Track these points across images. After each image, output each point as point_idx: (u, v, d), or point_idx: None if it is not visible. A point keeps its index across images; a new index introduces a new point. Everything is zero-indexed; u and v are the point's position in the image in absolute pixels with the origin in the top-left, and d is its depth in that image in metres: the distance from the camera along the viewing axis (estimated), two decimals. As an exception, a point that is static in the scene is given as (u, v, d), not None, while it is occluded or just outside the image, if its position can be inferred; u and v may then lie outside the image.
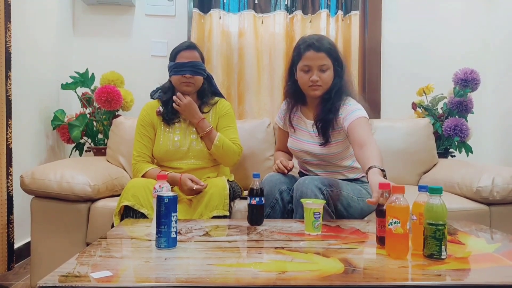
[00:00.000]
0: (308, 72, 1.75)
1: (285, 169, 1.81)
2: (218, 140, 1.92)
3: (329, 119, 1.76)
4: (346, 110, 1.74)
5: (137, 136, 2.01)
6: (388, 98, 2.98)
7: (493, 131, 2.99)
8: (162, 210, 1.19)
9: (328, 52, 1.73)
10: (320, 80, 1.73)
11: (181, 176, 1.81)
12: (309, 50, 1.73)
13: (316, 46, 1.72)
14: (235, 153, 1.98)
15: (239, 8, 2.93)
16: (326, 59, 1.73)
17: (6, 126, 1.98)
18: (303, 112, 1.91)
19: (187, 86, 1.93)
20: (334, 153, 1.80)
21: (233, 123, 2.06)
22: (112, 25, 2.95)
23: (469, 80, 2.60)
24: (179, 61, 1.92)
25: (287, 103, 1.94)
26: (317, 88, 1.75)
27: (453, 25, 2.99)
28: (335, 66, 1.76)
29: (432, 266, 1.06)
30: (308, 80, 1.74)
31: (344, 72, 1.81)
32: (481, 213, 1.90)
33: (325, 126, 1.77)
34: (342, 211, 1.72)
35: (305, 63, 1.74)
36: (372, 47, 2.99)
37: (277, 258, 1.13)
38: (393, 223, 1.12)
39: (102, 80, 2.65)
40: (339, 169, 1.86)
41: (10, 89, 1.99)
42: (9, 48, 2.00)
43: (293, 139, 1.92)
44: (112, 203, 1.88)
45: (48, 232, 1.92)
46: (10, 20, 2.01)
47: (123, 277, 1.00)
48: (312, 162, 1.88)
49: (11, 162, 2.02)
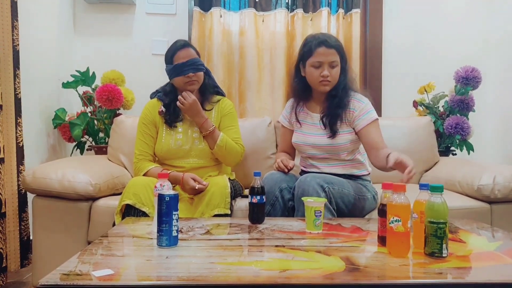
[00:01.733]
0: (319, 67, 1.80)
1: (285, 168, 1.81)
2: (221, 140, 1.92)
3: (338, 114, 1.82)
4: (360, 107, 1.82)
5: (139, 134, 2.01)
6: (389, 96, 2.97)
7: (494, 129, 2.99)
8: (163, 208, 1.19)
9: (338, 49, 1.81)
10: (330, 76, 1.79)
11: (183, 176, 1.81)
12: (321, 47, 1.79)
13: (327, 43, 1.79)
14: (238, 153, 1.98)
15: (240, 7, 2.93)
16: (336, 55, 1.80)
17: (16, 124, 1.98)
18: (309, 107, 1.94)
19: (191, 85, 1.93)
20: (340, 144, 1.83)
21: (235, 122, 2.06)
22: (113, 23, 2.95)
23: (470, 78, 2.60)
24: (178, 62, 1.90)
25: (293, 101, 1.98)
26: (327, 83, 1.81)
27: (454, 23, 2.98)
28: (342, 62, 1.83)
29: (433, 264, 1.07)
30: (318, 76, 1.80)
31: (349, 69, 1.89)
32: (482, 211, 1.90)
33: (334, 120, 1.83)
34: (343, 209, 1.73)
35: (317, 59, 1.79)
36: (373, 45, 2.98)
37: (278, 256, 1.13)
38: (394, 221, 1.12)
39: (103, 78, 2.65)
40: (344, 162, 1.87)
41: (19, 88, 1.99)
42: (16, 47, 1.99)
43: (299, 133, 1.94)
44: (113, 202, 1.88)
45: (50, 230, 1.92)
46: (17, 19, 2.00)
47: (124, 275, 1.00)
48: (316, 156, 1.89)
49: (22, 161, 2.02)
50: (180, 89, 1.97)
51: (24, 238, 2.03)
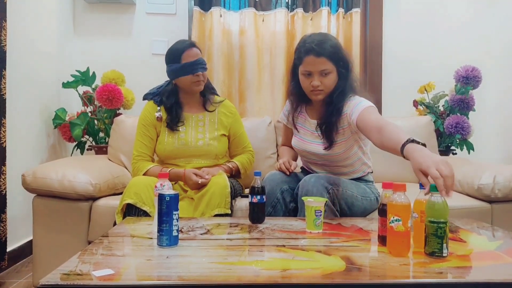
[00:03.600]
0: (309, 76, 1.70)
1: (287, 171, 1.79)
2: (241, 168, 2.03)
3: (332, 122, 1.72)
4: (350, 105, 1.69)
5: (137, 135, 2.01)
6: (389, 96, 2.97)
7: (495, 128, 2.99)
8: (164, 208, 1.19)
9: (329, 56, 1.66)
10: (321, 85, 1.68)
11: (185, 171, 1.82)
12: (309, 55, 1.66)
13: (316, 51, 1.65)
14: (252, 162, 2.12)
15: (240, 6, 2.93)
16: (327, 63, 1.67)
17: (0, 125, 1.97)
18: (308, 112, 1.87)
19: (199, 85, 1.93)
20: (338, 153, 1.77)
21: (242, 127, 2.11)
22: (113, 23, 2.95)
23: (470, 78, 2.60)
24: (187, 61, 1.89)
25: (291, 103, 1.90)
26: (319, 92, 1.71)
27: (455, 23, 2.98)
28: (338, 68, 1.70)
29: (433, 264, 1.06)
30: (309, 85, 1.70)
31: (350, 72, 1.75)
32: (482, 210, 1.90)
33: (329, 129, 1.73)
34: (346, 210, 1.72)
35: (305, 68, 1.69)
36: (373, 45, 2.98)
37: (279, 256, 1.13)
38: (394, 221, 1.12)
39: (103, 78, 2.65)
40: (343, 169, 1.84)
41: (4, 88, 1.99)
42: (3, 47, 1.99)
43: (298, 138, 1.90)
44: (113, 202, 1.88)
45: (50, 230, 1.92)
46: (5, 19, 2.00)
47: (125, 275, 1.00)
48: (317, 162, 1.87)
49: (4, 161, 2.01)
50: (185, 89, 1.96)
51: (2, 239, 2.02)
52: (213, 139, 1.97)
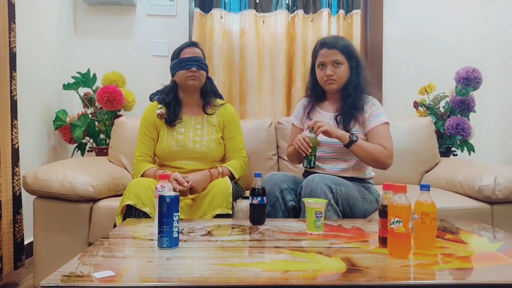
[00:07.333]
0: (323, 68, 1.87)
1: (308, 148, 1.72)
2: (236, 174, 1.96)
3: (353, 114, 1.85)
4: (372, 110, 1.86)
5: (139, 136, 2.02)
6: (390, 97, 2.97)
7: (495, 129, 2.99)
8: (164, 210, 1.19)
9: (341, 49, 1.85)
10: (334, 75, 1.85)
11: (171, 175, 1.79)
12: (322, 48, 1.87)
13: (328, 44, 1.86)
14: (245, 169, 2.05)
15: (240, 8, 2.93)
16: (339, 55, 1.84)
17: (11, 127, 1.98)
18: (322, 107, 1.97)
19: (193, 80, 1.94)
20: None
21: (239, 131, 2.09)
22: (113, 25, 2.96)
23: (471, 79, 2.60)
24: (183, 57, 1.94)
25: (308, 100, 2.01)
26: (332, 82, 1.86)
27: (455, 24, 2.98)
28: (350, 62, 1.87)
29: (434, 265, 1.06)
30: (323, 75, 1.86)
31: (362, 70, 1.90)
32: (483, 212, 1.90)
33: (348, 120, 1.86)
34: (347, 211, 1.72)
35: (319, 60, 1.88)
36: (373, 46, 2.98)
37: (279, 257, 1.13)
38: (395, 222, 1.12)
39: (104, 80, 2.66)
40: (349, 165, 1.87)
41: (15, 90, 2.00)
42: (13, 49, 2.00)
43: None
44: (114, 203, 1.88)
45: (51, 232, 1.92)
46: (14, 21, 2.01)
47: (125, 277, 1.00)
48: (325, 155, 1.88)
49: (17, 162, 2.02)
50: (182, 86, 1.99)
51: (18, 240, 2.03)
52: (211, 142, 1.98)
